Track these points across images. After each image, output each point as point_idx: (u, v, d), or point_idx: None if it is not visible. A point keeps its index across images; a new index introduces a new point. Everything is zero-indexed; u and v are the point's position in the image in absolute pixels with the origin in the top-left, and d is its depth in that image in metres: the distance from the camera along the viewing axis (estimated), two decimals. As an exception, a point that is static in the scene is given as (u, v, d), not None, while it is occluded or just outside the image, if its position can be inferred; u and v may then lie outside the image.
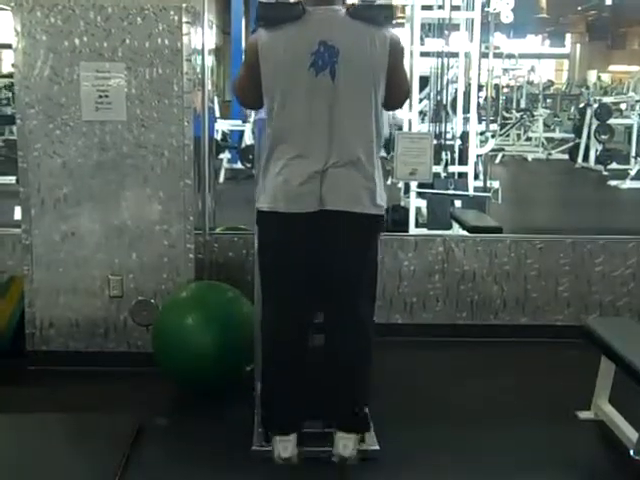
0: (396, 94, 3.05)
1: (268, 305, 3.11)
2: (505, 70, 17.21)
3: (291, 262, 2.98)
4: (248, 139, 11.86)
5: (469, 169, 7.05)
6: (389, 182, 7.03)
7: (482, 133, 7.90)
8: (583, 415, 3.53)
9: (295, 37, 2.88)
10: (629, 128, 14.07)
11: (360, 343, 3.04)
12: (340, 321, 3.04)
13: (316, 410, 3.15)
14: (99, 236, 3.92)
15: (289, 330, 3.06)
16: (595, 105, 13.88)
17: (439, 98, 7.15)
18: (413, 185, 6.70)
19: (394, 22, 2.99)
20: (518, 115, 16.41)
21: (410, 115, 7.12)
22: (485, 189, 7.09)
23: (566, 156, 14.86)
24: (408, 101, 7.08)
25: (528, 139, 16.29)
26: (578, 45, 30.65)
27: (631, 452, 3.07)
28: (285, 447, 3.02)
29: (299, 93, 2.89)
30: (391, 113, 7.47)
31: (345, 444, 3.02)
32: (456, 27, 7.19)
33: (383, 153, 3.16)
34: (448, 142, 7.06)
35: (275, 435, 3.04)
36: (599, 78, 21.86)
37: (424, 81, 7.46)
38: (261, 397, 3.20)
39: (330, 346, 3.07)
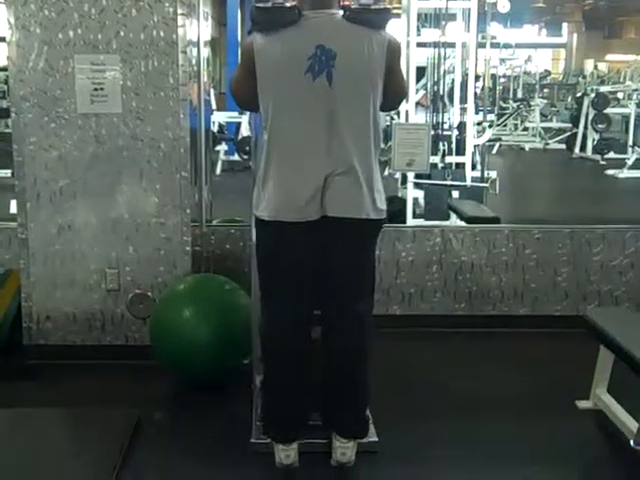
0: (393, 97, 3.01)
1: (268, 312, 3.06)
2: (502, 60, 17.16)
3: (291, 269, 2.94)
4: (245, 131, 11.82)
5: (466, 159, 7.03)
6: (386, 173, 7.06)
7: (479, 123, 7.87)
8: (582, 405, 3.53)
9: (291, 41, 2.82)
10: (626, 117, 14.06)
11: (358, 346, 3.02)
12: (339, 321, 3.02)
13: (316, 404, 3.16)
14: (95, 229, 3.91)
15: (290, 339, 3.02)
16: (592, 94, 13.86)
17: (436, 89, 7.12)
18: (410, 176, 6.68)
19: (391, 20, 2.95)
20: (515, 105, 16.40)
21: (407, 106, 7.09)
22: (482, 179, 7.07)
23: (563, 146, 14.83)
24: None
25: (525, 129, 16.28)
26: (575, 34, 30.60)
27: (631, 442, 3.07)
28: (287, 455, 3.01)
29: (296, 98, 2.84)
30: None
31: (343, 452, 3.02)
32: (453, 17, 7.16)
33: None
34: (445, 132, 7.03)
35: (278, 444, 3.03)
36: (596, 67, 21.79)
37: (421, 71, 7.44)
38: (262, 406, 3.18)
39: (328, 349, 3.05)
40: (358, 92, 2.86)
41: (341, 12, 2.87)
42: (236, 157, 11.78)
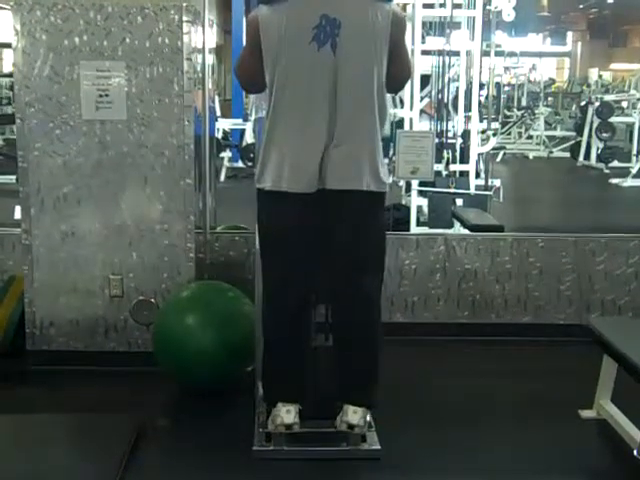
0: (397, 70, 3.01)
1: (269, 283, 3.11)
2: (506, 68, 17.18)
3: (292, 240, 2.98)
4: (249, 138, 11.84)
5: (470, 167, 7.03)
6: (390, 180, 7.05)
7: (483, 131, 7.87)
8: (585, 414, 3.52)
9: (296, 11, 2.85)
10: (630, 126, 14.05)
11: (366, 316, 3.06)
12: (346, 295, 3.04)
13: (318, 410, 3.16)
14: (99, 236, 3.91)
15: (290, 305, 3.06)
16: (596, 103, 13.88)
17: (440, 96, 7.12)
18: (414, 184, 6.68)
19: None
20: (519, 113, 16.41)
21: (411, 114, 7.10)
22: (486, 187, 7.06)
23: (567, 154, 14.85)
24: (409, 99, 7.12)
25: (529, 137, 16.30)
26: (579, 43, 30.63)
27: (635, 452, 3.06)
28: (288, 411, 3.02)
29: (301, 68, 2.86)
30: (392, 111, 7.46)
31: (355, 411, 3.02)
32: (457, 25, 7.17)
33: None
34: (449, 140, 7.03)
35: (278, 401, 3.04)
36: (600, 76, 21.77)
37: (425, 79, 7.45)
38: (262, 368, 3.20)
39: (337, 320, 3.09)
40: (362, 62, 2.87)
41: None
42: (240, 164, 11.80)
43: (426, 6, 7.08)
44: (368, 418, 3.12)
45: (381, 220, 3.09)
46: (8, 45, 3.88)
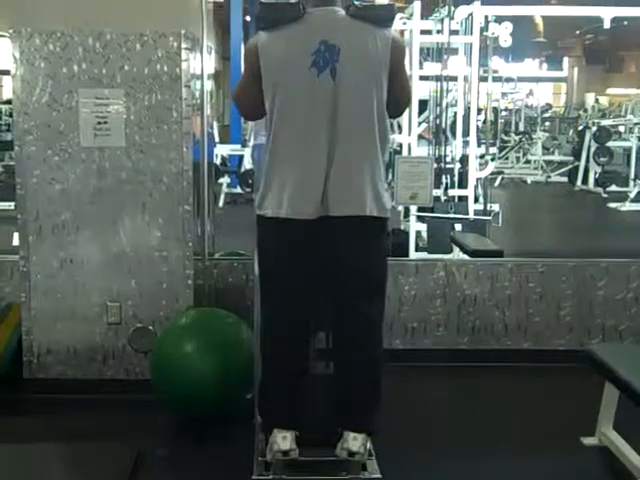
0: (398, 96, 3.02)
1: (267, 309, 3.09)
2: (504, 94, 17.24)
3: (291, 267, 2.96)
4: (247, 163, 11.88)
5: (469, 192, 7.05)
6: (392, 204, 7.05)
7: (482, 156, 7.89)
8: (587, 441, 3.48)
9: (295, 37, 2.86)
10: (628, 150, 14.09)
11: (369, 342, 3.03)
12: (349, 322, 3.02)
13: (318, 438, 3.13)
14: (97, 263, 3.90)
15: (288, 332, 3.04)
16: (594, 128, 13.91)
17: (438, 122, 7.15)
18: (413, 209, 6.68)
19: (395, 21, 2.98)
20: (517, 138, 16.44)
21: (409, 139, 7.11)
22: (485, 212, 7.07)
23: (565, 179, 14.87)
24: (407, 125, 7.14)
25: (527, 162, 16.31)
26: (576, 68, 30.78)
27: (637, 480, 3.03)
28: (284, 437, 2.98)
29: (300, 93, 2.86)
30: (390, 137, 7.47)
31: (355, 437, 2.99)
32: (455, 51, 7.22)
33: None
34: (448, 166, 7.05)
35: (274, 428, 3.01)
36: (597, 101, 21.90)
37: (423, 105, 7.47)
38: (259, 395, 3.18)
39: (339, 345, 3.07)
40: (362, 88, 2.88)
41: (344, 9, 2.90)
42: (239, 190, 11.82)
43: (424, 32, 7.12)
44: (369, 445, 3.09)
45: (383, 245, 3.07)
46: (7, 72, 3.88)
